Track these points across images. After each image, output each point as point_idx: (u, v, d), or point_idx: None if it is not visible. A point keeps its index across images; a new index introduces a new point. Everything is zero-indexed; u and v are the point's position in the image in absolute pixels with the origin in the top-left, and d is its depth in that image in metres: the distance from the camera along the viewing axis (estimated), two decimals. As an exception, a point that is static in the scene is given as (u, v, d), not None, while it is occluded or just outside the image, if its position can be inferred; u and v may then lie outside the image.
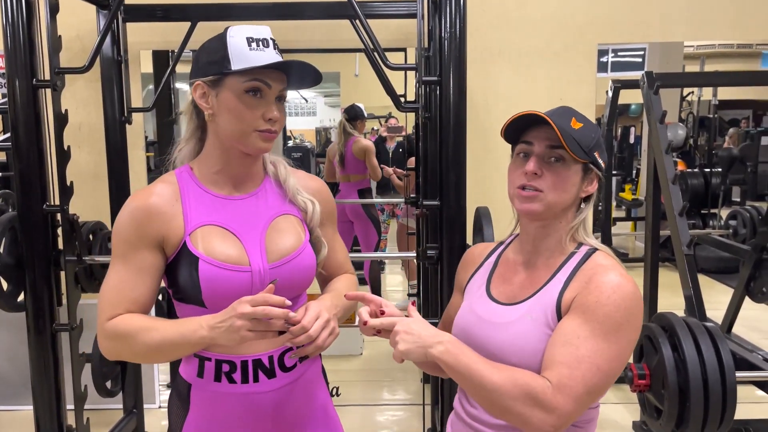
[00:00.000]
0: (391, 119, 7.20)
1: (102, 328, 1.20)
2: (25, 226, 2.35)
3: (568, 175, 1.14)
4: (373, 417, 3.37)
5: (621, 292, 1.07)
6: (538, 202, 1.14)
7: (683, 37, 3.37)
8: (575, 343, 1.04)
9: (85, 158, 3.26)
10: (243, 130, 1.20)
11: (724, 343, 2.00)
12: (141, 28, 3.12)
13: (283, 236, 1.27)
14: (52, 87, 2.35)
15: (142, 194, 1.24)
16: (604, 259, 1.15)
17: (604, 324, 1.05)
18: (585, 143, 1.14)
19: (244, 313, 1.09)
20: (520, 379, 1.03)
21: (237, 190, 1.28)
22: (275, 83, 1.21)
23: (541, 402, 1.01)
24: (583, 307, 1.07)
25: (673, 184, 2.74)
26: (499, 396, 1.03)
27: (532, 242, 1.21)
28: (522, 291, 1.19)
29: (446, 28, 2.21)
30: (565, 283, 1.13)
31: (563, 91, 3.25)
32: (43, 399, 2.43)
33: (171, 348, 1.17)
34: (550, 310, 1.12)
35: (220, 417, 1.27)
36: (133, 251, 1.20)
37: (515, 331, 1.13)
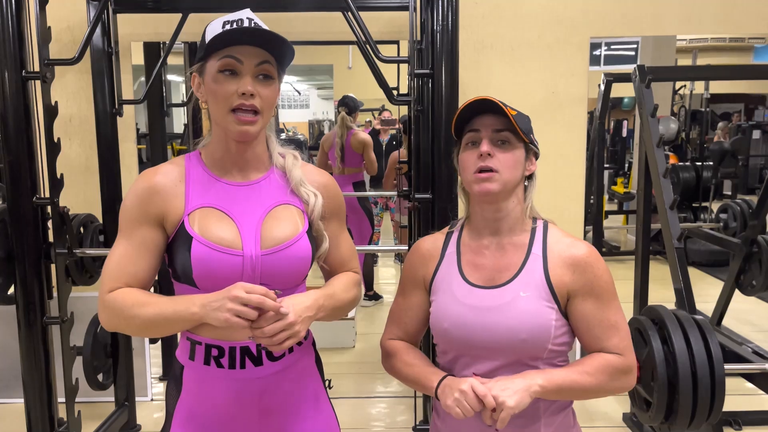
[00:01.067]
0: (385, 112, 7.18)
1: (102, 299, 1.24)
2: (14, 219, 2.34)
3: (514, 153, 1.27)
4: (365, 409, 3.38)
5: (599, 259, 1.28)
6: (495, 181, 1.25)
7: (675, 30, 3.37)
8: (605, 316, 1.25)
9: (76, 151, 3.24)
10: (221, 110, 1.22)
11: (713, 336, 2.02)
12: (132, 20, 3.10)
13: (279, 225, 1.27)
14: (42, 79, 2.33)
15: (148, 173, 1.28)
16: (557, 231, 1.32)
17: (608, 290, 1.26)
18: (523, 126, 1.26)
19: (236, 296, 1.11)
20: (602, 365, 1.23)
21: (241, 176, 1.30)
22: (248, 59, 1.20)
23: (624, 368, 1.25)
24: (586, 289, 1.24)
25: (665, 177, 2.74)
26: (601, 387, 1.23)
27: (491, 225, 1.31)
28: (500, 273, 1.28)
29: (438, 20, 2.21)
30: (543, 260, 1.27)
31: (555, 84, 3.25)
32: (34, 392, 2.42)
33: (164, 323, 1.20)
34: (543, 288, 1.24)
35: (209, 399, 1.29)
36: (136, 227, 1.25)
37: (516, 309, 1.23)
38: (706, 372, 1.96)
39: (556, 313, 1.24)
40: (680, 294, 2.56)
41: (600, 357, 1.24)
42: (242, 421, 1.30)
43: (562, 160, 3.30)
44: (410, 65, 2.37)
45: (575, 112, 3.29)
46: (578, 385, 1.21)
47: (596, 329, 1.25)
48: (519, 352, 1.24)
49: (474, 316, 1.26)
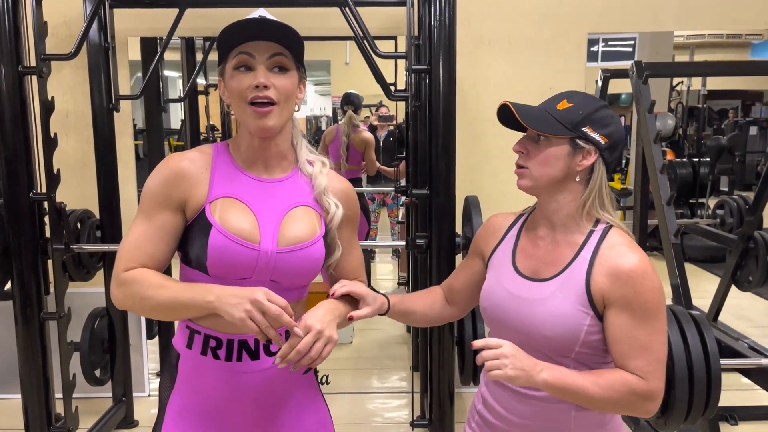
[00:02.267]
0: (382, 108, 7.17)
1: (117, 276, 1.24)
2: (11, 215, 2.33)
3: (549, 150, 1.24)
4: (363, 405, 3.39)
5: (648, 277, 1.20)
6: (525, 178, 1.27)
7: (674, 26, 3.37)
8: (636, 335, 1.19)
9: (72, 146, 3.23)
10: (239, 105, 1.23)
11: (710, 331, 2.02)
12: (129, 15, 3.09)
13: (298, 225, 1.29)
14: (38, 74, 2.33)
15: (176, 157, 1.29)
16: (618, 236, 1.25)
17: (647, 309, 1.19)
18: (568, 120, 1.23)
19: (257, 300, 1.13)
20: (617, 383, 1.19)
21: (266, 173, 1.31)
22: (260, 53, 1.22)
23: (642, 393, 1.19)
24: (622, 302, 1.19)
25: (661, 173, 2.75)
26: (608, 402, 1.20)
27: (545, 216, 1.31)
28: (547, 267, 1.28)
29: (436, 16, 2.20)
30: (589, 263, 1.23)
31: (553, 80, 3.24)
32: (31, 388, 2.42)
33: (178, 307, 1.21)
34: (580, 291, 1.22)
35: (203, 389, 1.29)
36: (158, 210, 1.25)
37: (549, 308, 1.23)
38: (702, 367, 1.97)
39: (592, 319, 1.22)
40: (677, 290, 2.57)
41: (618, 374, 1.20)
42: (235, 413, 1.30)
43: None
44: (407, 61, 2.36)
45: (572, 108, 3.28)
46: (585, 393, 1.19)
47: (623, 345, 1.20)
48: (543, 347, 1.25)
49: (510, 303, 1.30)
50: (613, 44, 9.50)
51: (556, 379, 1.18)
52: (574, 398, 1.21)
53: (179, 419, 1.31)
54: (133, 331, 3.21)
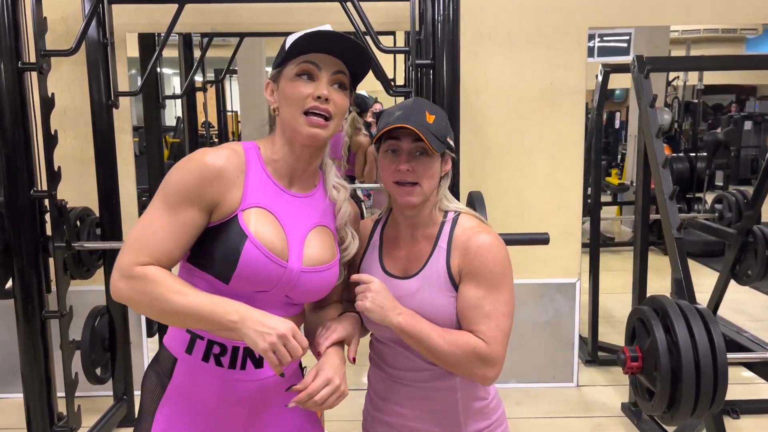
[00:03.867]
0: (376, 104, 7.16)
1: (126, 268, 1.16)
2: (11, 213, 2.31)
3: (433, 164, 1.31)
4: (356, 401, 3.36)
5: (494, 250, 1.30)
6: (416, 195, 1.31)
7: (675, 21, 3.36)
8: (479, 304, 1.28)
9: (71, 143, 3.20)
10: (294, 113, 1.22)
11: (716, 326, 2.02)
12: (126, 10, 3.06)
13: (321, 246, 1.29)
14: (38, 70, 2.30)
15: (213, 153, 1.22)
16: (468, 221, 1.36)
17: (492, 280, 1.28)
18: (440, 133, 1.30)
19: (285, 335, 1.12)
20: (461, 340, 1.26)
21: (293, 186, 1.30)
22: (326, 66, 1.23)
23: (483, 355, 1.26)
24: (471, 273, 1.29)
25: (664, 168, 2.74)
26: (451, 356, 1.26)
27: (406, 220, 1.37)
28: (411, 264, 1.35)
29: (440, 10, 2.19)
30: (447, 252, 1.32)
31: (553, 75, 3.24)
32: (33, 387, 2.40)
33: (195, 317, 1.16)
34: (443, 278, 1.31)
35: (198, 397, 1.26)
36: (185, 205, 1.18)
37: (421, 299, 1.31)
38: (709, 361, 1.97)
39: (456, 300, 1.31)
40: (680, 284, 2.57)
41: (465, 334, 1.28)
42: (228, 418, 1.29)
43: (560, 152, 3.30)
44: (411, 56, 2.35)
45: (573, 104, 3.29)
46: (432, 342, 1.26)
47: (470, 312, 1.28)
48: None
49: None
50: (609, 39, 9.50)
51: (409, 324, 1.25)
52: (421, 346, 1.27)
53: (168, 426, 1.28)
54: (133, 329, 3.19)
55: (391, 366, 1.39)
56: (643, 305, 2.23)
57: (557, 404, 3.31)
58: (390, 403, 1.41)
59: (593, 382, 3.56)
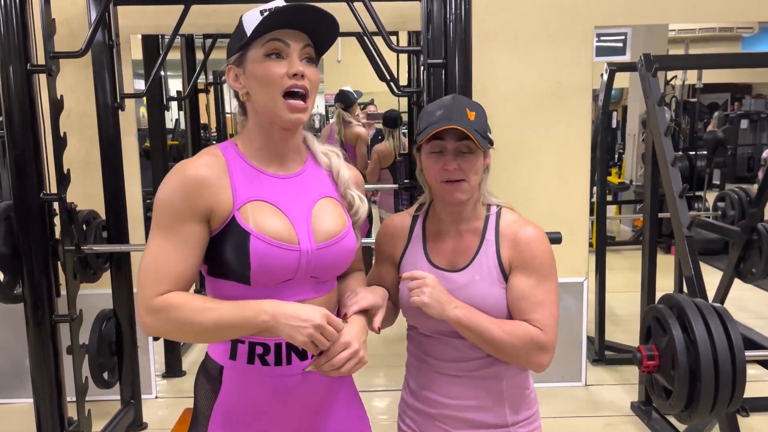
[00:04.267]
0: (370, 106, 7.14)
1: (148, 303, 1.16)
2: (21, 216, 2.28)
3: (477, 160, 1.34)
4: (370, 403, 3.37)
5: (542, 241, 1.36)
6: (463, 192, 1.33)
7: (680, 19, 3.36)
8: (532, 293, 1.33)
9: (75, 146, 3.16)
10: (271, 96, 1.18)
11: (734, 324, 2.02)
12: (131, 12, 3.04)
13: (328, 218, 1.26)
14: (48, 72, 2.28)
15: (191, 164, 1.20)
16: (510, 214, 1.40)
17: (542, 270, 1.34)
18: (482, 129, 1.33)
19: (320, 325, 1.12)
20: (519, 330, 1.30)
21: (282, 168, 1.27)
22: (294, 41, 1.19)
23: (540, 343, 1.32)
24: (522, 265, 1.33)
25: (673, 166, 2.75)
26: (509, 346, 1.30)
27: (451, 214, 1.39)
28: (459, 257, 1.38)
29: (452, 9, 2.18)
30: (496, 244, 1.36)
31: (560, 74, 3.24)
32: (43, 391, 2.38)
33: (227, 329, 1.16)
34: (494, 270, 1.34)
35: (251, 398, 1.25)
36: (180, 223, 1.17)
37: (472, 291, 1.33)
38: (727, 359, 1.96)
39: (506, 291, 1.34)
40: (691, 282, 2.57)
41: (521, 323, 1.32)
42: (282, 416, 1.27)
43: (566, 151, 3.30)
44: (423, 55, 2.34)
45: (580, 103, 3.28)
46: (491, 334, 1.29)
47: (522, 302, 1.33)
48: None
49: None
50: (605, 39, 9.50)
51: (467, 318, 1.28)
52: (479, 338, 1.30)
53: (225, 425, 1.27)
54: (140, 333, 3.17)
55: (435, 357, 1.40)
56: (659, 304, 2.22)
57: (567, 404, 3.30)
58: (433, 394, 1.41)
59: (601, 381, 3.56)
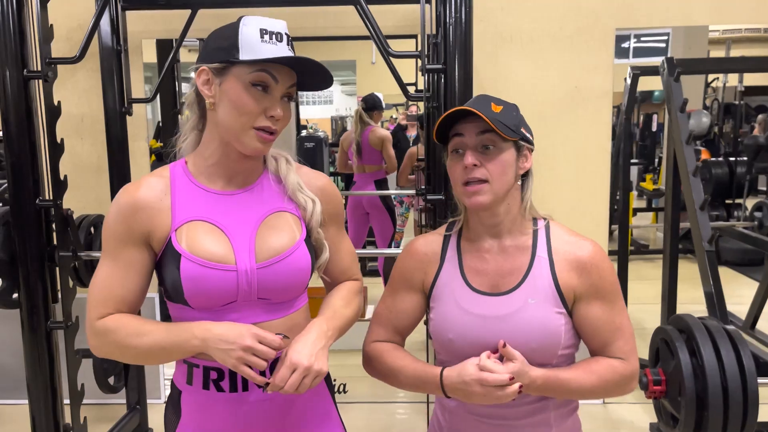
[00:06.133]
0: (412, 107, 7.06)
1: (91, 326, 1.17)
2: (17, 222, 2.29)
3: (503, 157, 1.19)
4: (380, 414, 3.29)
5: (605, 258, 1.24)
6: (485, 194, 1.18)
7: (706, 21, 3.20)
8: (611, 320, 1.21)
9: (88, 150, 3.20)
10: (242, 124, 1.13)
11: (746, 348, 1.88)
12: (143, 17, 3.05)
13: (275, 234, 1.19)
14: (44, 78, 2.27)
15: (130, 188, 1.19)
16: (560, 228, 1.27)
17: (613, 291, 1.22)
18: (510, 122, 1.19)
19: (249, 346, 1.07)
20: (604, 370, 1.20)
21: (230, 184, 1.21)
22: (283, 79, 1.15)
23: (627, 375, 1.22)
24: (593, 290, 1.20)
25: (694, 176, 2.60)
26: (601, 391, 1.21)
27: (487, 229, 1.25)
28: (504, 278, 1.22)
29: (451, 13, 2.10)
30: (550, 263, 1.21)
31: (578, 79, 3.11)
32: (38, 397, 2.38)
33: (162, 353, 1.15)
34: (551, 292, 1.19)
35: (210, 425, 1.20)
36: (121, 248, 1.16)
37: (526, 318, 1.18)
38: (738, 386, 1.83)
39: (565, 317, 1.20)
40: (711, 298, 2.43)
41: (604, 361, 1.22)
42: None
43: (585, 158, 3.17)
44: (422, 60, 2.26)
45: (599, 108, 3.15)
46: (579, 391, 1.19)
47: (603, 333, 1.22)
48: (530, 361, 1.16)
49: (481, 326, 1.20)
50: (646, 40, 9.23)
51: (548, 386, 1.17)
52: (567, 395, 1.21)
53: None
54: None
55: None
56: (667, 325, 2.09)
57: (584, 422, 3.13)
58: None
59: (620, 399, 3.40)
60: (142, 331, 1.13)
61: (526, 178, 1.26)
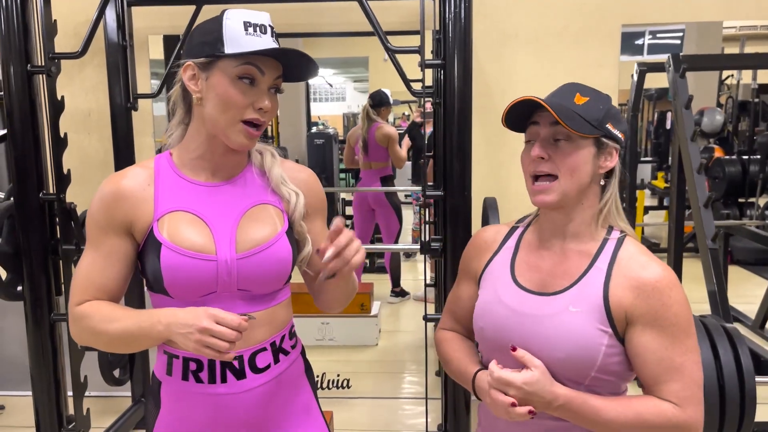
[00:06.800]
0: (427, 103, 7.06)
1: (71, 312, 1.19)
2: (21, 215, 2.32)
3: (578, 153, 1.09)
4: (384, 410, 3.30)
5: (675, 287, 1.07)
6: (552, 192, 1.10)
7: (715, 17, 3.17)
8: (667, 356, 1.05)
9: (95, 145, 3.23)
10: (230, 118, 1.14)
11: (744, 346, 1.87)
12: (148, 13, 3.07)
13: (256, 226, 1.20)
14: (47, 73, 2.30)
15: (114, 177, 1.21)
16: (635, 246, 1.13)
17: (678, 324, 1.06)
18: (592, 116, 1.09)
19: (205, 328, 1.06)
20: (649, 411, 1.05)
21: (214, 176, 1.23)
22: (269, 71, 1.15)
23: (680, 424, 1.05)
24: (651, 317, 1.06)
25: (698, 173, 2.58)
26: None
27: (557, 228, 1.17)
28: (555, 280, 1.13)
29: (450, 8, 2.10)
30: (606, 274, 1.09)
31: (583, 76, 3.04)
32: (42, 389, 2.41)
33: (131, 340, 1.15)
34: (597, 306, 1.07)
35: (189, 417, 1.21)
36: (103, 236, 1.18)
37: (561, 324, 1.08)
38: (735, 384, 1.82)
39: (610, 338, 1.07)
40: (714, 297, 2.42)
41: (652, 401, 1.06)
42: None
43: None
44: (421, 55, 2.26)
45: (605, 105, 3.12)
46: (608, 425, 1.05)
47: (654, 367, 1.06)
48: (555, 373, 1.08)
49: (513, 321, 1.14)
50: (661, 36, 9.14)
51: (573, 411, 1.05)
52: (594, 426, 1.07)
53: None
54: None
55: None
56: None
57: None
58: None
59: (625, 397, 3.39)
60: (113, 317, 1.15)
61: (609, 180, 1.14)
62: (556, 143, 1.10)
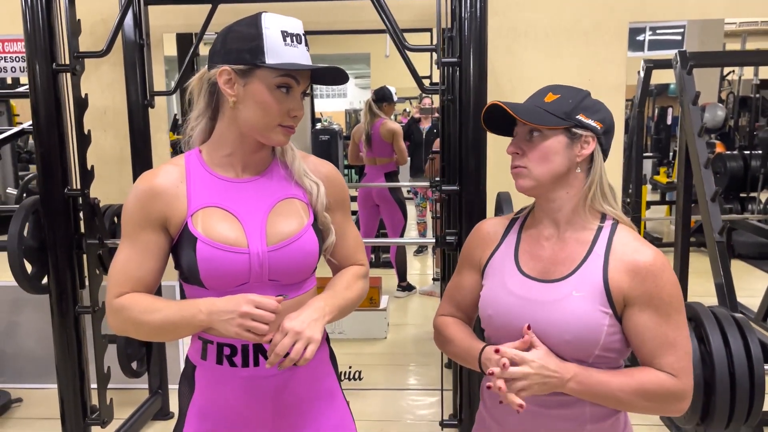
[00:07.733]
0: (425, 99, 7.11)
1: (109, 304, 1.25)
2: (47, 210, 2.37)
3: (548, 144, 1.19)
4: (396, 401, 3.36)
5: (667, 269, 1.18)
6: (525, 177, 1.21)
7: (721, 14, 3.22)
8: (662, 332, 1.16)
9: (111, 142, 3.28)
10: (268, 123, 1.22)
11: (753, 335, 1.92)
12: (163, 11, 3.12)
13: (285, 220, 1.27)
14: (72, 71, 2.35)
15: (148, 175, 1.27)
16: (628, 232, 1.23)
17: (671, 303, 1.16)
18: (560, 110, 1.19)
19: (246, 312, 1.13)
20: (650, 381, 1.15)
21: (243, 172, 1.29)
22: (303, 80, 1.23)
23: (675, 392, 1.16)
24: (645, 298, 1.16)
25: (706, 168, 2.63)
26: (640, 406, 1.17)
27: (548, 215, 1.25)
28: (557, 267, 1.22)
29: (467, 6, 2.14)
30: (604, 260, 1.19)
31: (592, 72, 3.14)
32: (67, 380, 2.47)
33: (173, 329, 1.21)
34: (598, 289, 1.17)
35: (222, 399, 1.28)
36: (139, 231, 1.24)
37: (566, 308, 1.17)
38: (744, 372, 1.87)
39: (611, 319, 1.17)
40: (721, 289, 2.47)
41: (651, 372, 1.16)
42: (255, 420, 1.29)
43: (598, 150, 3.20)
44: (438, 54, 2.31)
45: (612, 101, 3.17)
46: (615, 397, 1.15)
47: (651, 344, 1.16)
48: (562, 353, 1.17)
49: (520, 308, 1.21)
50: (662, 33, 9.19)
51: (584, 387, 1.14)
52: (602, 401, 1.17)
53: (199, 424, 1.30)
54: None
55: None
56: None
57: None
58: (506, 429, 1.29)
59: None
60: (154, 307, 1.21)
61: (589, 166, 1.22)
62: (530, 139, 1.21)
